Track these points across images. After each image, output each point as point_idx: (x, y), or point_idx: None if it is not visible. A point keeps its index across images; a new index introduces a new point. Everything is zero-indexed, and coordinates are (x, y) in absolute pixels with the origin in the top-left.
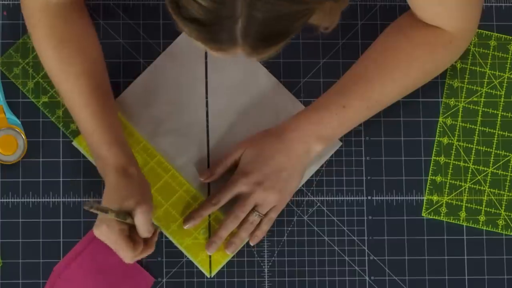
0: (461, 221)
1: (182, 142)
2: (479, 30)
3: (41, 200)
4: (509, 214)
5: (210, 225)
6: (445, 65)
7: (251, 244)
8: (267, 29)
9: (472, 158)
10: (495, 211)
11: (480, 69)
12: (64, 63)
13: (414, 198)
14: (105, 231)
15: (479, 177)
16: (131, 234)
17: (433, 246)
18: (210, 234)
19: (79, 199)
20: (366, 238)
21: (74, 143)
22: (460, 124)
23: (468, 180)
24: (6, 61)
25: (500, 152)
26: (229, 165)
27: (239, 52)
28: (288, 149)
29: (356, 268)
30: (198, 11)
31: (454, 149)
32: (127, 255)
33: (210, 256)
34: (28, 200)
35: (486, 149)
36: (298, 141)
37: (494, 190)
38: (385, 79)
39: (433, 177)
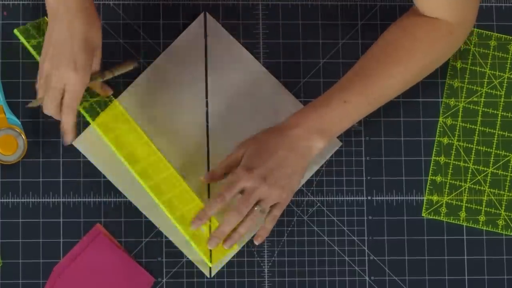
0: (461, 221)
1: (182, 142)
2: (479, 30)
3: (41, 200)
4: (509, 214)
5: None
6: (446, 57)
7: (256, 243)
8: None
9: (472, 158)
10: (495, 211)
11: (480, 69)
12: None
13: (414, 198)
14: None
15: (479, 177)
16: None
17: (433, 246)
18: (210, 230)
19: (79, 199)
20: (366, 238)
21: (75, 144)
22: (460, 124)
23: (468, 180)
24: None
25: (500, 152)
26: (230, 164)
27: None
28: (292, 145)
29: (356, 268)
30: None
31: (454, 149)
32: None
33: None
34: (28, 200)
35: (486, 149)
36: (301, 138)
37: (494, 190)
38: (385, 75)
39: (433, 177)
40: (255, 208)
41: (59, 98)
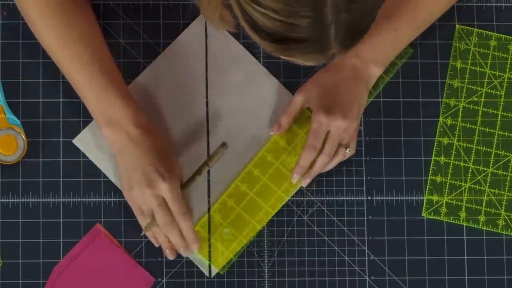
0: (461, 221)
1: (182, 142)
2: (479, 30)
3: (41, 200)
4: (509, 214)
5: (210, 221)
6: None
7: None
8: (355, 26)
9: (472, 158)
10: (495, 211)
11: (480, 69)
12: (64, 28)
13: (414, 198)
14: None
15: (479, 177)
16: None
17: (433, 246)
18: (209, 230)
19: (79, 199)
20: (366, 238)
21: (74, 142)
22: (460, 124)
23: (468, 180)
24: None
25: (500, 152)
26: (294, 113)
27: (331, 53)
28: (355, 75)
29: (356, 268)
30: (307, 30)
31: (454, 149)
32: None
33: (210, 253)
34: (28, 200)
35: (486, 149)
36: (360, 68)
37: (494, 190)
38: None
39: (433, 177)
40: (343, 148)
41: (169, 213)
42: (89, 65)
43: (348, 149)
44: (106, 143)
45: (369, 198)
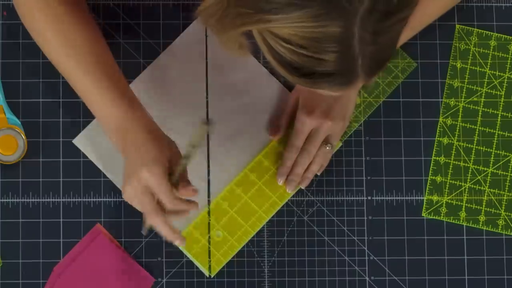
0: (461, 221)
1: (182, 142)
2: (479, 30)
3: (41, 200)
4: (509, 214)
5: (210, 225)
6: None
7: (318, 174)
8: (381, 56)
9: (472, 158)
10: (495, 211)
11: (480, 69)
12: (70, 35)
13: (414, 198)
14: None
15: (479, 177)
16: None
17: (433, 246)
18: (209, 230)
19: (79, 199)
20: (366, 238)
21: (75, 142)
22: (460, 124)
23: (468, 180)
24: None
25: (500, 152)
26: (290, 113)
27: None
28: None
29: (356, 268)
30: (334, 64)
31: (454, 149)
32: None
33: (209, 257)
34: (28, 200)
35: (486, 149)
36: None
37: (494, 190)
38: (427, 1)
39: (433, 177)
40: (324, 146)
41: (154, 204)
42: (96, 72)
43: (328, 145)
44: (114, 148)
45: (369, 198)
